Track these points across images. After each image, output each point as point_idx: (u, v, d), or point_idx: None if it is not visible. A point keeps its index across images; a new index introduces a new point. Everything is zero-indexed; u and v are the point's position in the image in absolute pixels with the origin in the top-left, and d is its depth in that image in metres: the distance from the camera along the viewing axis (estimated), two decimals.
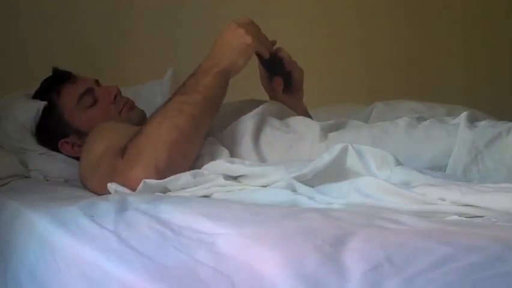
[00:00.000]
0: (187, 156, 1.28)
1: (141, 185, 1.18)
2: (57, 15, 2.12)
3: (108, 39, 2.17)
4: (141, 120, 1.58)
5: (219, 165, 1.20)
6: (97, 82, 1.65)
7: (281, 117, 1.46)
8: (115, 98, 1.61)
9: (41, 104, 1.62)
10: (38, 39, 2.08)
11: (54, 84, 1.64)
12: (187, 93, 1.31)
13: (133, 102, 1.65)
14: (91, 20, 2.15)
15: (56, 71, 1.69)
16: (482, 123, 1.28)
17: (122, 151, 1.27)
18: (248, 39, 1.37)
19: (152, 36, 2.23)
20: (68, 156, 1.61)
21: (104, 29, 2.17)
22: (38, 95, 1.66)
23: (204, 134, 1.32)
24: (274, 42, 1.51)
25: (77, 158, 1.50)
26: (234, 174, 1.17)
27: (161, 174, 1.20)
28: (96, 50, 2.13)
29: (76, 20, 2.14)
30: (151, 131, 1.27)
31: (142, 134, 1.27)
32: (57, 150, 1.62)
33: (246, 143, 1.36)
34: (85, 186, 1.39)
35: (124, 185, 1.21)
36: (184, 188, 1.18)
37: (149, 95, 1.92)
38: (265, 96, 1.62)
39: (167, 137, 1.25)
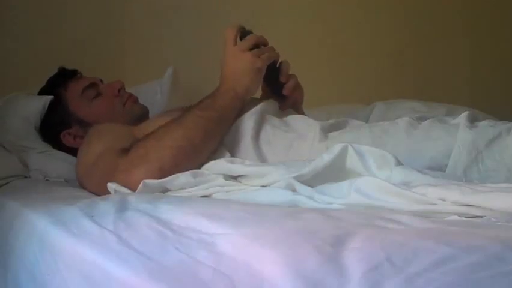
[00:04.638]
0: (192, 164, 1.27)
1: (141, 185, 1.18)
2: (56, 15, 2.12)
3: (108, 39, 2.17)
4: (144, 115, 1.62)
5: (219, 165, 1.20)
6: (101, 82, 1.69)
7: (280, 116, 1.45)
8: (119, 91, 1.64)
9: (48, 98, 1.66)
10: (38, 40, 2.08)
11: (60, 80, 1.68)
12: (204, 110, 1.33)
13: (137, 98, 1.68)
14: (90, 20, 2.15)
15: (62, 69, 1.73)
16: (482, 123, 1.27)
17: (126, 151, 1.28)
18: (258, 63, 1.38)
19: (152, 36, 2.23)
20: (69, 148, 1.61)
21: (104, 29, 2.17)
22: (44, 91, 1.70)
23: (212, 148, 1.32)
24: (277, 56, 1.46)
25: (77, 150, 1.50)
26: (234, 174, 1.17)
27: (163, 177, 1.20)
28: (96, 50, 2.13)
29: (76, 20, 2.14)
30: (162, 135, 1.28)
31: (153, 136, 1.29)
32: (60, 145, 1.63)
33: (246, 141, 1.36)
34: (82, 186, 1.39)
35: (124, 183, 1.21)
36: (184, 188, 1.18)
37: (149, 94, 1.93)
38: None
39: (176, 143, 1.27)
